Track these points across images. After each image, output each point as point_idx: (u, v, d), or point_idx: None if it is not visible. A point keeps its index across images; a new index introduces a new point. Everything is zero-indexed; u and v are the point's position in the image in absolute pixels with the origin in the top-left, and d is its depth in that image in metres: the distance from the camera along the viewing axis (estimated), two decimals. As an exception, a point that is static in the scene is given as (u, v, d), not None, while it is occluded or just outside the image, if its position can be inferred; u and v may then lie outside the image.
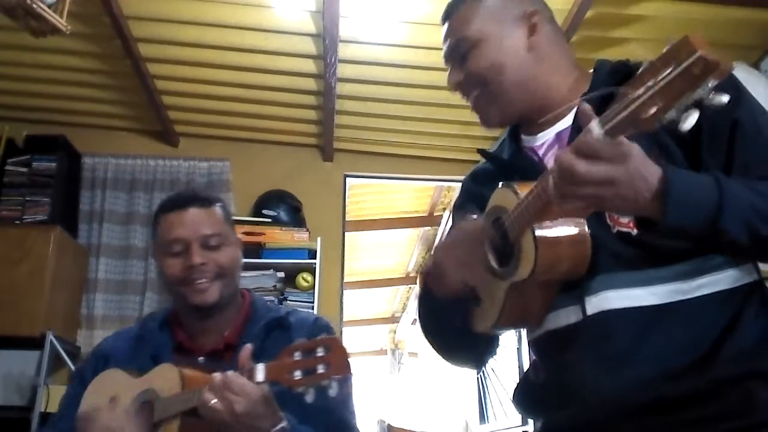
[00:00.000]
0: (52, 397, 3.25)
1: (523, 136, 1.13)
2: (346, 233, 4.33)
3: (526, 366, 3.79)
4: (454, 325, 1.11)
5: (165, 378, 1.28)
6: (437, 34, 1.17)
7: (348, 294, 5.01)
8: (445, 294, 1.05)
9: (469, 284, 1.03)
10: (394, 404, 8.46)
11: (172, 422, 1.22)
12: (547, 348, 1.04)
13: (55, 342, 3.43)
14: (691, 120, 0.66)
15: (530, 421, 3.67)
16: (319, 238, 3.95)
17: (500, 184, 0.98)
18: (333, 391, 1.09)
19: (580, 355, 0.94)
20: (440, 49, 1.15)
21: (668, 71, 0.65)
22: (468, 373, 5.11)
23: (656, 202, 0.78)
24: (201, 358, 1.40)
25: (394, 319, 9.89)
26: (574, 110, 1.01)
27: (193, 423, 1.21)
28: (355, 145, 4.37)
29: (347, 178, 4.42)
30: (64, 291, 3.70)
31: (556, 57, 1.09)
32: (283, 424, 1.18)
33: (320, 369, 1.09)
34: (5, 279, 3.47)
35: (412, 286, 8.34)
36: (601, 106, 0.75)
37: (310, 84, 3.72)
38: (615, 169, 0.74)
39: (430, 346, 1.22)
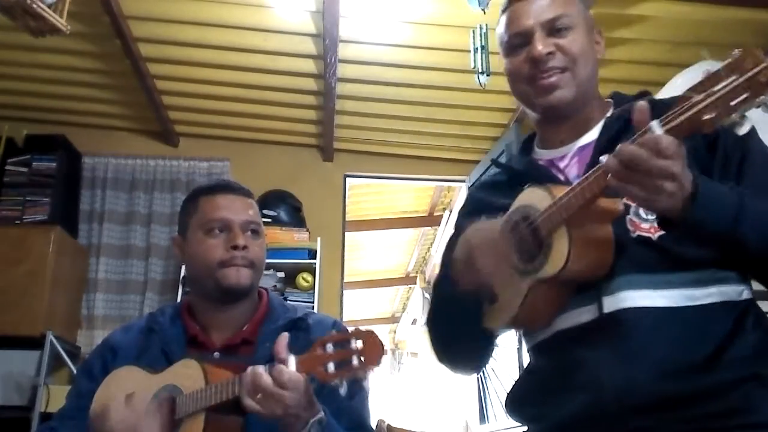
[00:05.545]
0: (52, 397, 3.25)
1: (539, 150, 1.20)
2: (346, 233, 4.34)
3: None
4: (465, 319, 1.11)
5: (186, 374, 1.24)
6: (437, 35, 1.18)
7: (348, 294, 5.01)
8: (470, 284, 1.05)
9: (492, 279, 1.04)
10: (394, 404, 8.44)
11: (196, 418, 1.19)
12: (555, 348, 1.06)
13: (55, 342, 3.43)
14: (748, 125, 0.76)
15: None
16: (319, 238, 3.95)
17: (528, 184, 1.04)
18: (366, 384, 1.07)
19: (597, 350, 0.97)
20: (440, 49, 1.17)
21: (733, 78, 0.75)
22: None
23: (686, 201, 0.86)
24: (216, 353, 1.37)
25: (394, 319, 9.89)
26: (599, 125, 1.13)
27: (218, 418, 1.18)
28: (355, 145, 4.37)
29: (347, 178, 4.43)
30: (64, 291, 3.70)
31: (598, 78, 1.18)
32: (321, 414, 1.16)
33: (354, 361, 1.07)
34: (5, 279, 3.46)
35: (412, 286, 8.34)
36: (620, 129, 0.88)
37: (310, 84, 3.72)
38: (675, 164, 0.82)
39: (431, 343, 1.21)
